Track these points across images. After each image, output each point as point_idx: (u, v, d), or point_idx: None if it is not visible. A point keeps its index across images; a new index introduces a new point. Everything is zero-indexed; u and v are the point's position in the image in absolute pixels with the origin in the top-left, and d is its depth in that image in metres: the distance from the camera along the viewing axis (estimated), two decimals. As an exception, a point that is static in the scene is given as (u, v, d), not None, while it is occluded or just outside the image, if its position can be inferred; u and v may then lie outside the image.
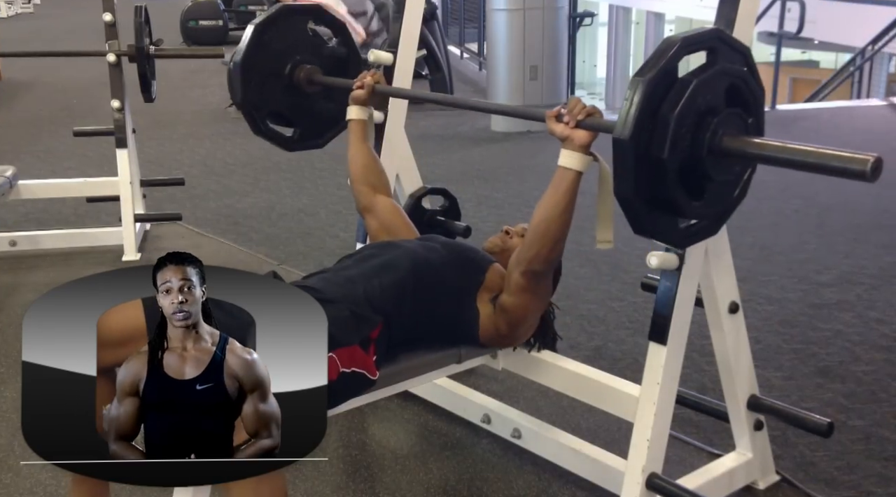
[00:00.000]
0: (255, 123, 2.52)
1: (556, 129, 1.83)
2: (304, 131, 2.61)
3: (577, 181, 1.84)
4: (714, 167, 1.57)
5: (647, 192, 1.53)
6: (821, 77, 10.44)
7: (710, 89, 1.54)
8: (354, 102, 2.39)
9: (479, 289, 2.09)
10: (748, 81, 1.62)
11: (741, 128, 1.59)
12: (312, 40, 2.55)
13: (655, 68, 1.50)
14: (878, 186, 5.30)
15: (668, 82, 1.52)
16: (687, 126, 1.51)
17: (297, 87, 2.51)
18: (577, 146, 1.81)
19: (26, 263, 4.04)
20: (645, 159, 1.50)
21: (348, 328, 1.84)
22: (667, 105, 1.50)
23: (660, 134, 1.50)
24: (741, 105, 1.60)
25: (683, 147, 1.52)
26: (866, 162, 1.41)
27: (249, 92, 2.45)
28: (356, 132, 2.40)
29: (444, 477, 2.40)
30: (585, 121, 1.79)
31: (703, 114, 1.54)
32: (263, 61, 2.46)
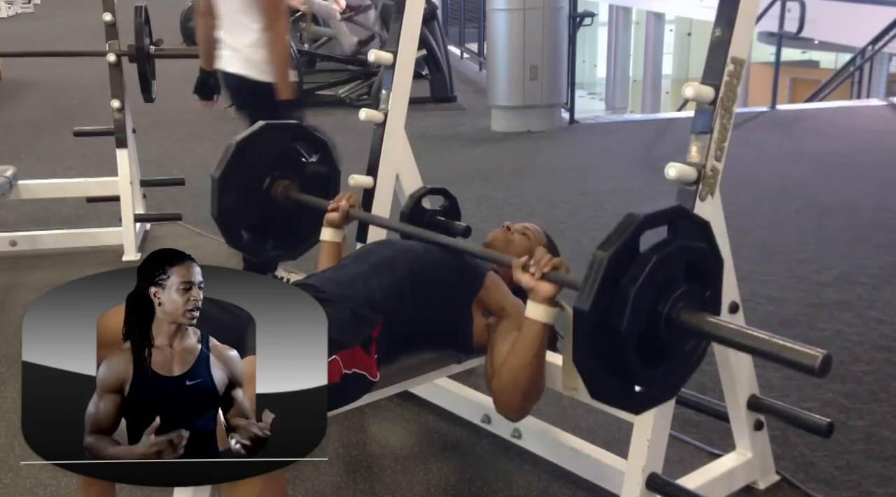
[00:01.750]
0: (230, 235, 2.55)
1: (523, 280, 1.84)
2: (278, 243, 2.64)
3: (543, 332, 1.86)
4: (671, 339, 1.60)
5: (605, 360, 1.57)
6: (821, 77, 10.44)
7: (670, 264, 1.58)
8: (328, 224, 2.38)
9: (475, 296, 2.10)
10: (707, 256, 1.66)
11: (699, 301, 1.62)
12: (292, 156, 2.57)
13: (617, 244, 1.53)
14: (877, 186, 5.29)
15: (629, 256, 1.55)
16: (646, 300, 1.55)
17: (273, 201, 2.52)
18: (542, 298, 1.83)
19: (26, 263, 4.04)
20: (603, 330, 1.54)
21: (349, 329, 1.85)
22: (627, 279, 1.54)
23: (619, 307, 1.53)
24: (699, 279, 1.63)
25: (641, 319, 1.55)
26: (816, 358, 1.43)
27: (225, 206, 2.48)
28: (327, 253, 2.40)
29: (444, 477, 2.40)
30: (550, 274, 1.81)
31: (662, 288, 1.57)
32: (242, 176, 2.48)
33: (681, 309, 1.57)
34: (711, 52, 1.94)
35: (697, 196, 1.93)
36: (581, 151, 6.27)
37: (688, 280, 1.60)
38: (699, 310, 1.60)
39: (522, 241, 2.31)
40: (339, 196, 2.40)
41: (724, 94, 1.91)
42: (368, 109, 2.72)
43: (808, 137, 6.66)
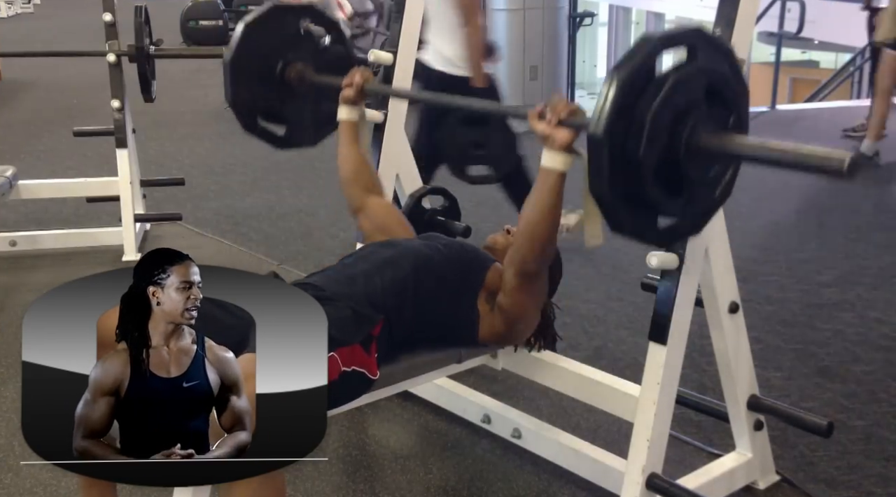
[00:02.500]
0: (246, 121, 2.51)
1: (538, 128, 1.81)
2: (295, 130, 2.60)
3: (560, 181, 1.83)
4: (692, 165, 1.54)
5: (624, 190, 1.51)
6: (821, 77, 10.43)
7: (689, 86, 1.52)
8: (344, 102, 2.35)
9: (480, 289, 2.09)
10: (728, 79, 1.60)
11: (721, 125, 1.56)
12: (304, 39, 2.54)
13: (631, 63, 1.48)
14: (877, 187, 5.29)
15: (644, 78, 1.49)
16: (663, 123, 1.49)
17: (288, 85, 2.49)
18: (558, 146, 1.79)
19: (26, 263, 4.04)
20: (620, 157, 1.48)
21: (349, 327, 1.84)
22: (643, 102, 1.48)
23: (635, 131, 1.48)
24: (721, 103, 1.58)
25: (660, 144, 1.49)
26: (843, 160, 1.38)
27: (240, 90, 2.45)
28: (346, 133, 2.37)
29: (444, 477, 2.40)
30: (567, 120, 1.77)
31: (681, 111, 1.51)
32: (254, 60, 2.45)
33: (701, 132, 1.50)
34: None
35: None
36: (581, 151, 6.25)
37: (708, 103, 1.54)
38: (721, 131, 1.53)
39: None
40: (352, 72, 2.36)
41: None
42: (368, 109, 2.72)
43: (808, 137, 6.65)
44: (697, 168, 1.56)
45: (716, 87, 1.57)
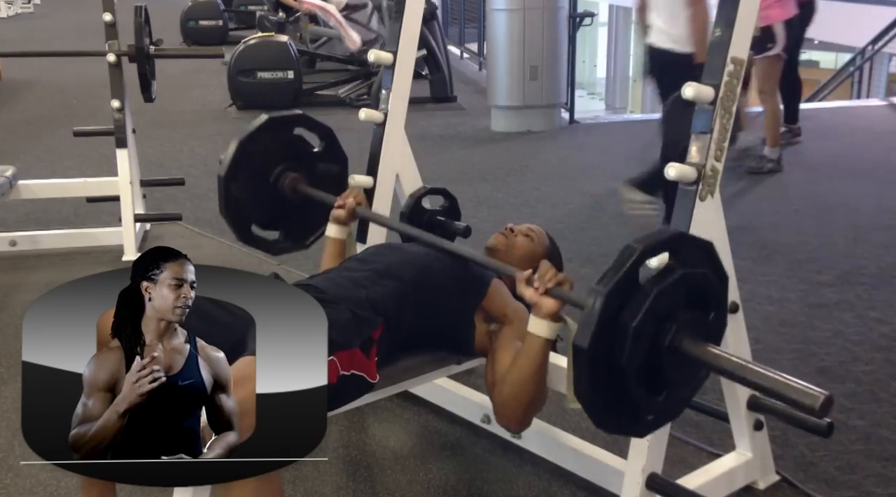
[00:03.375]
0: (240, 231, 2.56)
1: (526, 294, 1.84)
2: (288, 234, 2.66)
3: (546, 347, 1.86)
4: (673, 367, 1.60)
5: (607, 393, 1.57)
6: (821, 77, 10.43)
7: (671, 295, 1.57)
8: (334, 221, 2.39)
9: (478, 305, 2.09)
10: (709, 280, 1.65)
11: (701, 328, 1.61)
12: (298, 147, 2.58)
13: (615, 277, 1.53)
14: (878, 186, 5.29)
15: (628, 290, 1.55)
16: (646, 334, 1.54)
17: (281, 194, 2.53)
18: (545, 314, 1.82)
19: (26, 263, 4.04)
20: (604, 364, 1.53)
21: (349, 330, 1.84)
22: (626, 313, 1.53)
23: (619, 342, 1.53)
24: (701, 306, 1.63)
25: (643, 351, 1.55)
26: (817, 399, 1.42)
27: (232, 202, 2.50)
28: (332, 250, 2.40)
29: (444, 477, 2.40)
30: (554, 290, 1.81)
31: (663, 320, 1.57)
32: (248, 172, 2.49)
33: (682, 339, 1.56)
34: (711, 53, 1.94)
35: (697, 196, 1.93)
36: (581, 151, 6.26)
37: (690, 307, 1.59)
38: (703, 336, 1.59)
39: (525, 243, 2.30)
40: (346, 193, 2.40)
41: (724, 94, 1.91)
42: (368, 109, 2.72)
43: (808, 137, 6.65)
44: (678, 369, 1.61)
45: (697, 290, 1.62)
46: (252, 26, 10.32)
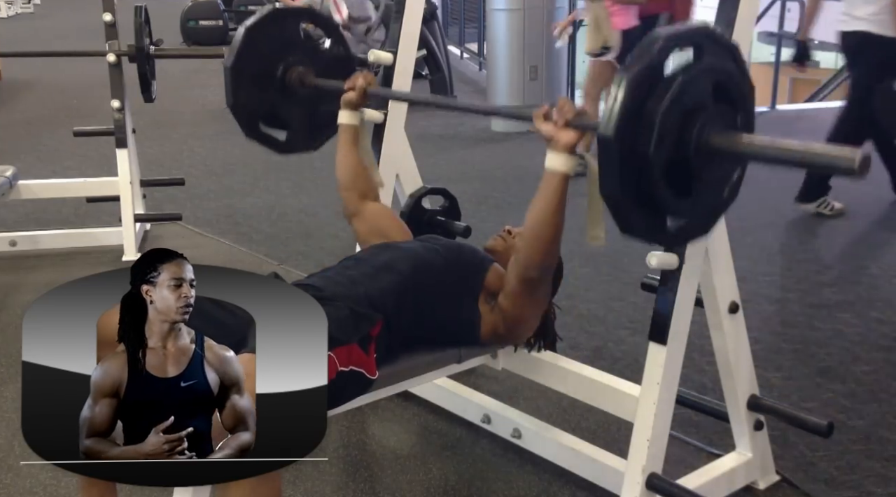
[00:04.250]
0: (248, 127, 2.52)
1: (543, 128, 1.81)
2: (297, 134, 2.60)
3: (564, 183, 1.83)
4: (702, 165, 1.55)
5: (634, 191, 1.51)
6: (821, 77, 10.43)
7: (697, 86, 1.52)
8: (345, 106, 2.35)
9: (479, 291, 2.09)
10: (736, 78, 1.60)
11: (729, 124, 1.57)
12: (305, 42, 2.54)
13: (640, 64, 1.48)
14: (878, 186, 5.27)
15: (653, 79, 1.50)
16: (673, 123, 1.49)
17: (289, 89, 2.49)
18: (563, 147, 1.79)
19: (26, 263, 4.04)
20: (630, 157, 1.49)
21: (347, 327, 1.84)
22: (652, 102, 1.48)
23: (645, 131, 1.48)
24: (729, 101, 1.59)
25: (669, 144, 1.50)
26: (853, 158, 1.38)
27: (241, 95, 2.45)
28: (345, 137, 2.36)
29: (444, 477, 2.40)
30: (573, 121, 1.77)
31: (690, 111, 1.52)
32: (255, 64, 2.45)
33: (710, 131, 1.51)
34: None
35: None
36: (581, 151, 6.26)
37: (716, 101, 1.54)
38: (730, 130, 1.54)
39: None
40: (355, 75, 2.36)
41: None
42: (368, 109, 2.72)
43: (808, 137, 6.63)
44: (706, 168, 1.56)
45: (723, 86, 1.57)
46: (252, 26, 10.30)
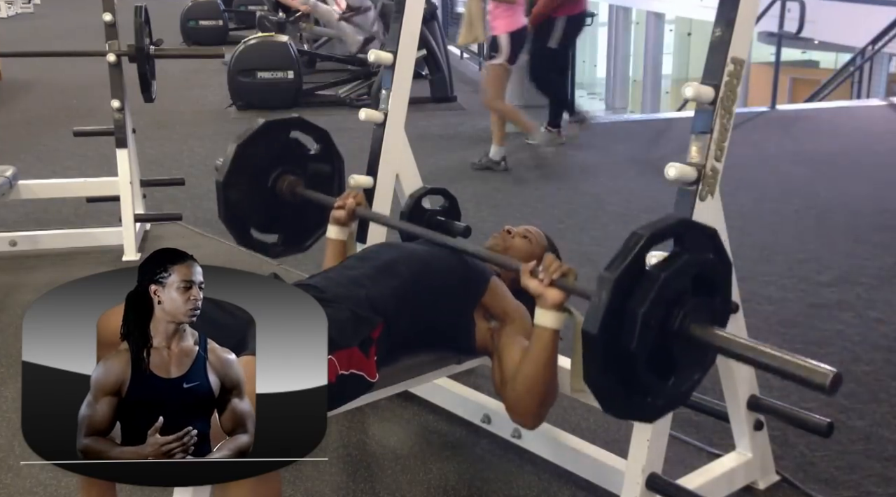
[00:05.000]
0: (240, 236, 2.58)
1: (531, 285, 1.84)
2: (287, 238, 2.67)
3: (553, 338, 1.86)
4: (682, 351, 1.61)
5: (616, 379, 1.57)
6: (821, 77, 10.43)
7: (678, 281, 1.58)
8: (334, 222, 2.39)
9: (477, 303, 2.09)
10: (715, 266, 1.66)
11: (709, 312, 1.62)
12: (295, 150, 2.59)
13: (623, 265, 1.53)
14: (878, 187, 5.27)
15: (635, 276, 1.55)
16: (654, 319, 1.55)
17: (279, 197, 2.55)
18: (550, 305, 1.83)
19: (26, 263, 4.04)
20: (613, 350, 1.54)
21: (348, 330, 1.84)
22: (634, 300, 1.54)
23: (628, 327, 1.54)
24: (707, 290, 1.64)
25: (651, 338, 1.56)
26: (826, 376, 1.44)
27: (231, 207, 2.51)
28: (333, 251, 2.40)
29: (444, 477, 2.40)
30: (559, 281, 1.81)
31: (671, 304, 1.58)
32: (245, 176, 2.50)
33: (690, 324, 1.57)
34: (711, 52, 1.94)
35: (697, 196, 1.93)
36: (581, 151, 6.26)
37: (696, 293, 1.60)
38: (709, 320, 1.60)
39: (523, 245, 2.30)
40: (346, 194, 2.41)
41: (724, 94, 1.91)
42: (368, 109, 2.72)
43: (808, 137, 6.65)
44: (686, 353, 1.62)
45: (702, 276, 1.63)
46: (252, 26, 10.32)
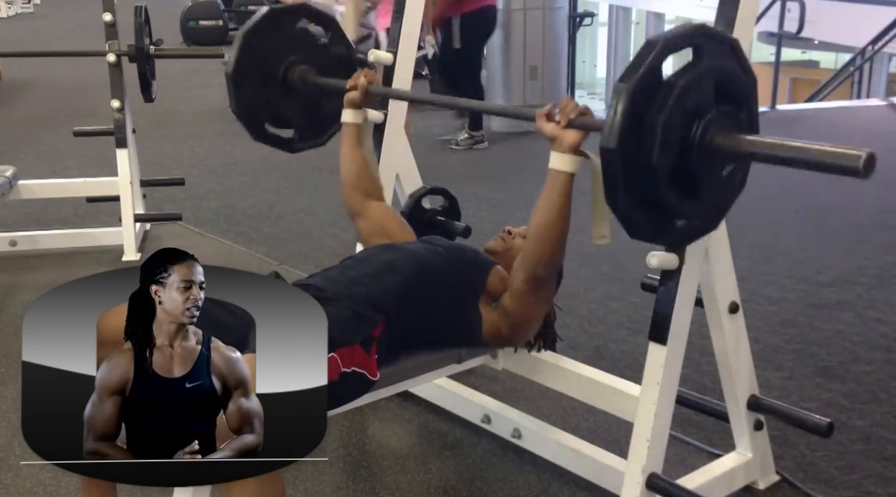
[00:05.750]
0: (255, 129, 2.52)
1: (546, 129, 1.80)
2: (304, 132, 2.61)
3: (569, 183, 1.82)
4: (707, 166, 1.54)
5: (640, 198, 1.51)
6: (821, 77, 10.43)
7: (697, 89, 1.51)
8: (348, 105, 2.34)
9: (481, 293, 2.09)
10: (736, 75, 1.59)
11: (732, 123, 1.56)
12: (304, 40, 2.54)
13: (638, 73, 1.47)
14: (878, 186, 5.28)
15: (652, 85, 1.49)
16: (675, 129, 1.49)
17: (292, 88, 2.49)
18: (567, 147, 1.79)
19: (26, 263, 4.04)
20: (634, 166, 1.48)
21: (349, 328, 1.84)
22: (653, 110, 1.48)
23: (647, 140, 1.47)
24: (731, 100, 1.57)
25: (673, 150, 1.49)
26: (858, 157, 1.38)
27: (243, 100, 2.46)
28: (349, 136, 2.36)
29: (444, 477, 2.40)
30: (576, 120, 1.76)
31: (692, 115, 1.51)
32: (255, 67, 2.45)
33: (713, 134, 1.50)
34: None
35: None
36: (581, 151, 6.26)
37: (718, 102, 1.53)
38: (733, 130, 1.52)
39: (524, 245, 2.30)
40: (357, 74, 2.35)
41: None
42: (369, 110, 2.72)
43: (808, 137, 6.62)
44: (711, 168, 1.56)
45: (724, 85, 1.56)
46: (252, 26, 10.30)
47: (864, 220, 4.60)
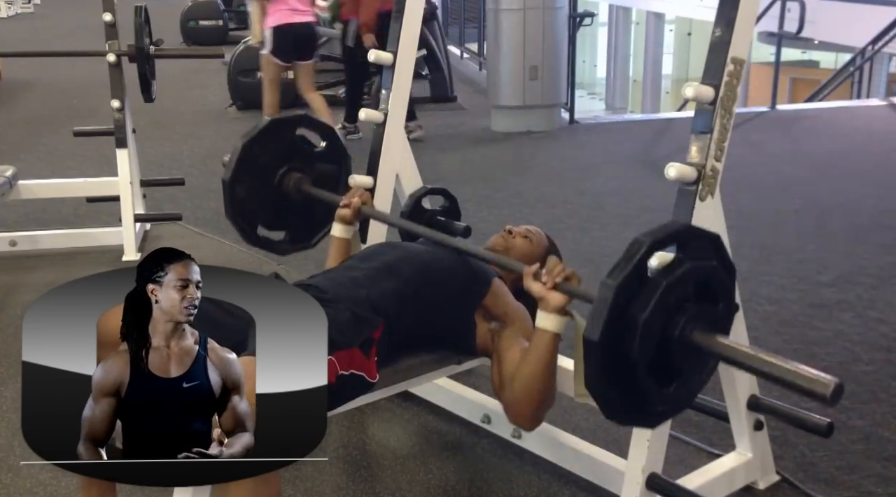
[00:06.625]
0: (247, 234, 2.58)
1: (533, 288, 1.85)
2: (294, 235, 2.67)
3: (554, 342, 1.86)
4: (683, 359, 1.60)
5: (617, 386, 1.57)
6: (821, 77, 10.43)
7: (680, 288, 1.57)
8: (339, 220, 2.39)
9: (479, 304, 2.09)
10: (717, 272, 1.65)
11: (710, 318, 1.62)
12: (301, 148, 2.60)
13: (624, 273, 1.53)
14: (878, 187, 5.28)
15: (637, 283, 1.55)
16: (656, 326, 1.55)
17: (286, 195, 2.54)
18: (552, 308, 1.83)
19: (26, 263, 4.04)
20: (614, 356, 1.54)
21: (348, 330, 1.84)
22: (636, 306, 1.54)
23: (629, 334, 1.53)
24: (710, 297, 1.63)
25: (652, 345, 1.55)
26: (828, 386, 1.42)
27: (238, 206, 2.51)
28: (337, 249, 2.40)
29: (444, 477, 2.40)
30: (562, 285, 1.81)
31: (672, 312, 1.57)
32: (252, 176, 2.50)
33: (692, 331, 1.57)
34: (711, 52, 1.94)
35: (697, 196, 1.93)
36: (581, 151, 6.27)
37: (698, 300, 1.60)
38: (711, 327, 1.59)
39: (524, 245, 2.30)
40: (352, 192, 2.41)
41: (724, 94, 1.91)
42: (368, 109, 2.72)
43: (808, 137, 6.65)
44: (688, 360, 1.61)
45: (705, 282, 1.62)
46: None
47: (864, 220, 4.60)
